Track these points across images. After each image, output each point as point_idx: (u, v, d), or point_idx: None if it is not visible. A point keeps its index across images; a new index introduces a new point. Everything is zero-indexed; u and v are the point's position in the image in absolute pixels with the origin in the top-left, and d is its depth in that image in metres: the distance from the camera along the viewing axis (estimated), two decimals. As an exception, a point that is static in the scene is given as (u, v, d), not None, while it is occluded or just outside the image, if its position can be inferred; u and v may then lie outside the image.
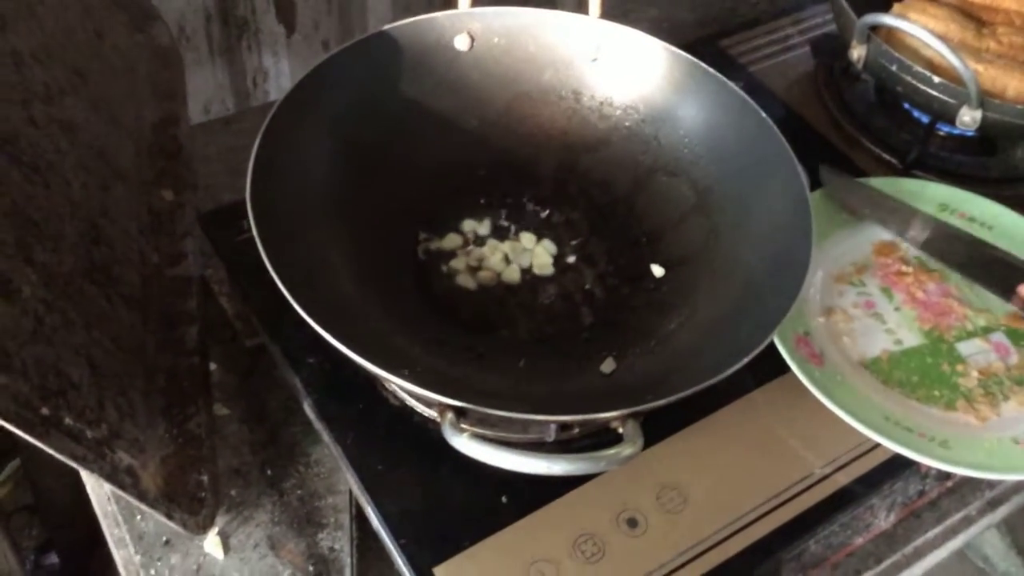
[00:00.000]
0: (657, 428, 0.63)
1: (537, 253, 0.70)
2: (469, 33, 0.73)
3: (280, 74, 1.10)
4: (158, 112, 0.77)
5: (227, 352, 0.72)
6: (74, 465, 0.52)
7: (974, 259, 0.74)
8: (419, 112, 0.72)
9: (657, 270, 0.70)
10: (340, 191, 0.67)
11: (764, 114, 0.68)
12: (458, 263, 0.69)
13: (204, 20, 1.00)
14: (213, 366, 0.69)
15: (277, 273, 0.54)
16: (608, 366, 0.63)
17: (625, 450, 0.51)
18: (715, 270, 0.67)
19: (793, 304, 0.58)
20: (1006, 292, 0.73)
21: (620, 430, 0.54)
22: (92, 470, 0.52)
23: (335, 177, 0.67)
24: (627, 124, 0.74)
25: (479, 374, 0.63)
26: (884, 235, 0.79)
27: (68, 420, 0.52)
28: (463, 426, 0.52)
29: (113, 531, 0.63)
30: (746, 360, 0.56)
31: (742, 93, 0.70)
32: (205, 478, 0.59)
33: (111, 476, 0.54)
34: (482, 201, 0.73)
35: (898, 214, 0.76)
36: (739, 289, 0.64)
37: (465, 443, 0.50)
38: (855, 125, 0.88)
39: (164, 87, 0.79)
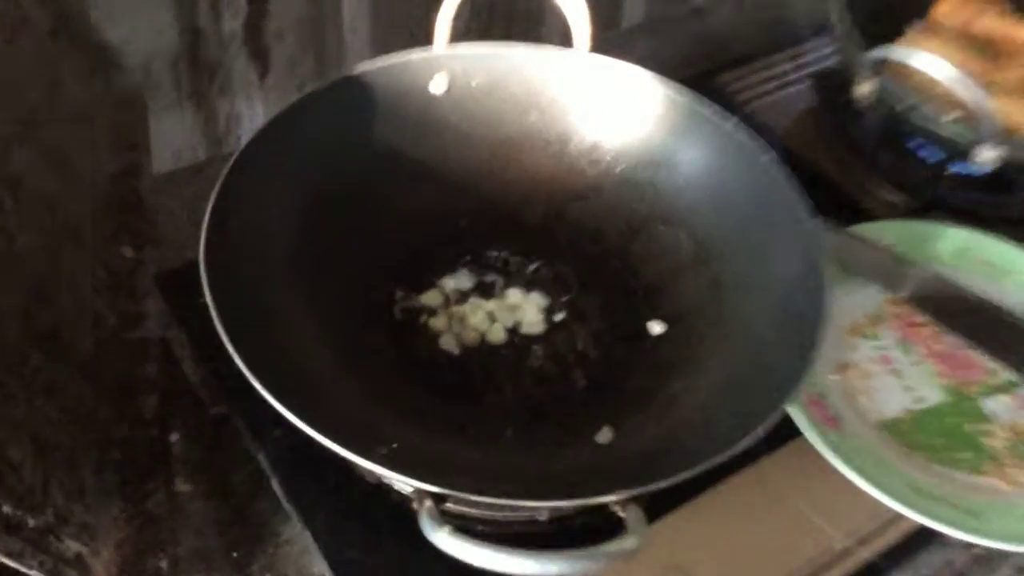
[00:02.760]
0: (659, 501, 0.57)
1: (525, 310, 0.66)
2: (446, 74, 0.68)
3: (255, 118, 1.04)
4: (118, 162, 0.73)
5: (190, 421, 0.66)
6: (8, 563, 0.46)
7: (978, 323, 0.69)
8: (394, 160, 0.67)
9: (655, 327, 0.64)
10: (308, 247, 0.62)
11: (772, 157, 0.63)
12: (438, 322, 0.64)
13: (171, 63, 0.94)
14: (174, 437, 0.64)
15: (234, 345, 0.49)
16: (604, 436, 0.58)
17: (627, 542, 0.45)
18: (720, 327, 0.61)
19: (809, 368, 0.53)
20: (1017, 364, 0.67)
21: (621, 514, 0.48)
22: (30, 567, 0.47)
23: (303, 232, 0.62)
24: (619, 170, 0.70)
25: (462, 448, 0.57)
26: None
27: (6, 508, 0.47)
28: (448, 505, 0.48)
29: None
30: (759, 432, 0.50)
31: (747, 134, 0.65)
32: (164, 564, 0.55)
33: (54, 571, 0.48)
34: (464, 255, 0.69)
35: (889, 272, 0.72)
36: (748, 349, 0.59)
37: (446, 540, 0.45)
38: (862, 165, 0.83)
39: (125, 136, 0.75)
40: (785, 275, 0.60)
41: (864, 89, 0.78)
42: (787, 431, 0.61)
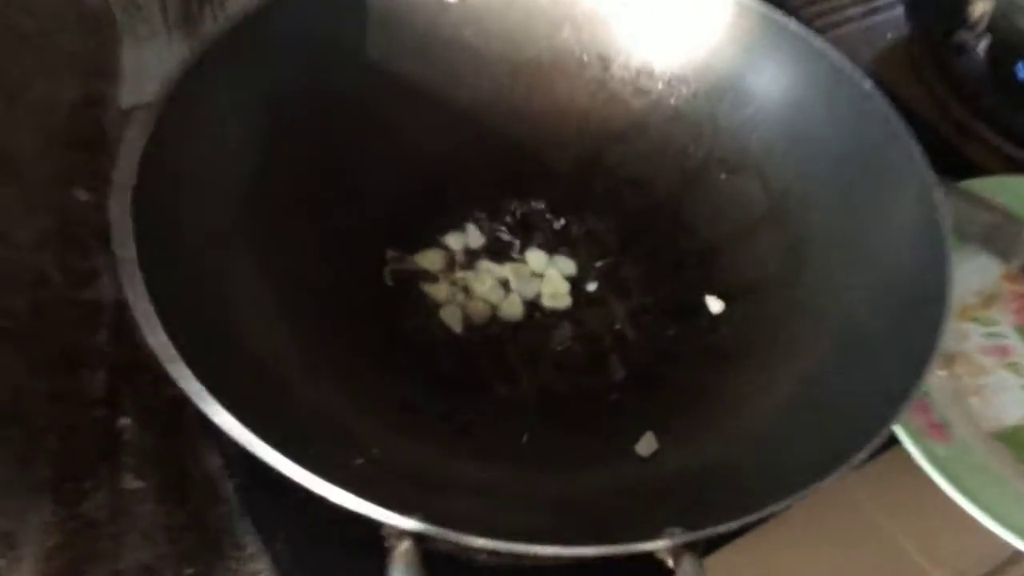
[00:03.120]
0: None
1: (549, 278, 0.56)
2: (458, -25, 0.57)
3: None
4: (78, 90, 0.66)
5: (144, 403, 0.57)
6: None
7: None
8: (390, 83, 0.56)
9: (714, 304, 0.55)
10: (273, 190, 0.50)
11: (871, 85, 0.51)
12: (438, 291, 0.54)
13: (156, -16, 0.84)
14: (124, 421, 0.55)
15: (162, 316, 0.38)
16: (647, 446, 0.47)
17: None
18: (800, 307, 0.50)
19: (926, 369, 0.41)
20: None
21: (670, 563, 0.37)
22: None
23: (266, 170, 0.50)
24: (672, 101, 0.59)
25: (461, 459, 0.45)
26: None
27: None
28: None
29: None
30: (860, 456, 0.39)
31: (839, 57, 0.53)
32: (102, 580, 0.48)
33: (-47, 590, 0.44)
34: (473, 205, 0.59)
35: (1002, 237, 0.60)
36: (839, 338, 0.47)
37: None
38: (967, 108, 0.71)
39: (89, 60, 0.68)
40: (891, 241, 0.48)
41: (978, 9, 0.64)
42: (881, 439, 0.50)
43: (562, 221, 0.59)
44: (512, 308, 0.55)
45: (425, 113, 0.57)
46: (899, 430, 0.50)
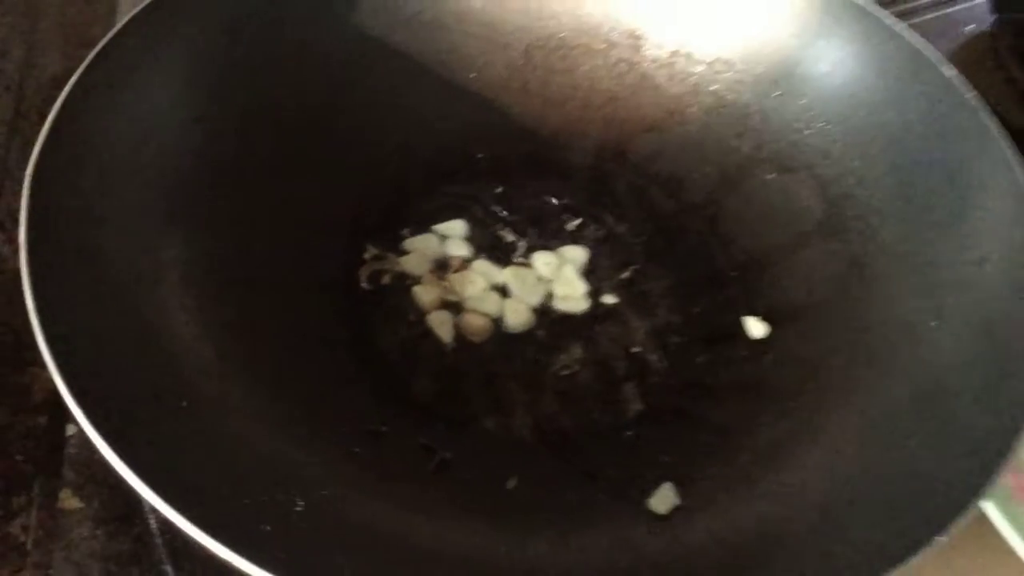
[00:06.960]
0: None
1: (560, 282, 0.50)
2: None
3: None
4: (66, 63, 0.65)
5: None
6: None
7: None
8: (380, 58, 0.52)
9: (755, 327, 0.48)
10: (223, 169, 0.45)
11: (952, 71, 0.45)
12: (425, 292, 0.48)
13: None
14: (73, 429, 0.51)
15: (44, 330, 0.33)
16: (664, 500, 0.40)
17: None
18: (861, 338, 0.43)
19: None
20: None
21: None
22: None
23: (213, 145, 0.45)
24: (714, 87, 0.54)
25: (428, 505, 0.38)
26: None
27: None
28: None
29: None
30: (940, 541, 0.32)
31: (918, 40, 0.46)
32: (25, 616, 0.44)
33: None
34: (473, 199, 0.53)
35: None
36: (910, 382, 0.40)
37: None
38: None
39: (80, 31, 0.67)
40: (981, 266, 0.41)
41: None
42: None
43: (577, 221, 0.54)
44: (516, 318, 0.48)
45: (422, 95, 0.52)
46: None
